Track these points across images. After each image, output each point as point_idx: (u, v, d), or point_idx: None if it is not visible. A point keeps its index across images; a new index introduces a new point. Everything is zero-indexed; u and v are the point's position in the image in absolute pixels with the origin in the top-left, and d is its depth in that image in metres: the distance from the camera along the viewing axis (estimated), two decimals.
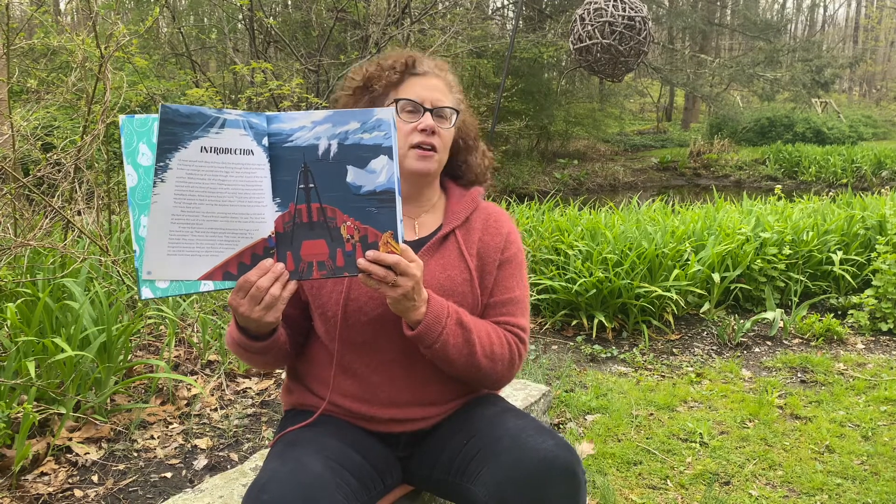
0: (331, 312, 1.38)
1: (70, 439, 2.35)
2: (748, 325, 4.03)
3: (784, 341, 4.02)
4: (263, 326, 1.24)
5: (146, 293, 1.10)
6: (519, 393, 2.39)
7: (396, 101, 1.41)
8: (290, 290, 1.18)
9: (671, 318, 4.12)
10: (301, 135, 1.15)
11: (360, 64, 1.55)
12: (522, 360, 1.45)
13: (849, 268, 4.76)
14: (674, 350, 3.86)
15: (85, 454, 2.30)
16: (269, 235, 1.16)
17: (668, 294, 3.94)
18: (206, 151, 1.11)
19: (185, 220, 1.11)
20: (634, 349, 3.82)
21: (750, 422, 2.95)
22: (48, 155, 3.47)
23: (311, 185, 1.15)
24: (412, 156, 1.40)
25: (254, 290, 1.15)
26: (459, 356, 1.34)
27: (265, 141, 1.14)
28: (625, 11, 5.11)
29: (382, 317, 1.37)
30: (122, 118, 1.09)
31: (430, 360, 1.36)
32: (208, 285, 1.14)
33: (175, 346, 3.15)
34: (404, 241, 1.19)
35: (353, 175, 1.16)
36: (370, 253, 1.16)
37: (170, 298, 3.37)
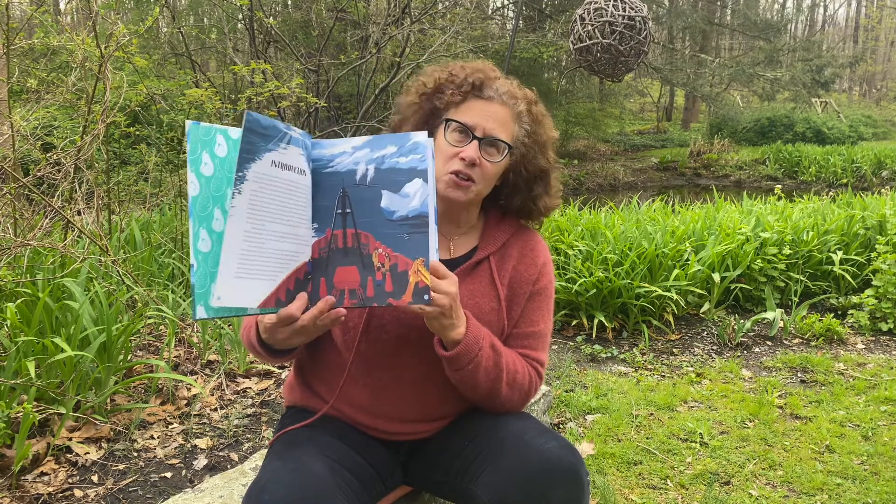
0: (352, 323, 1.36)
1: (70, 439, 2.35)
2: (748, 325, 4.03)
3: (784, 341, 4.02)
4: (290, 345, 1.23)
5: (200, 313, 1.02)
6: None
7: (446, 120, 1.36)
8: (331, 318, 1.15)
9: (671, 318, 4.12)
10: (341, 160, 1.16)
11: (433, 70, 1.46)
12: (536, 393, 1.43)
13: (849, 268, 4.76)
14: (674, 350, 3.86)
15: (85, 454, 2.30)
16: (308, 261, 1.14)
17: (668, 294, 3.94)
18: (276, 166, 1.07)
19: (255, 238, 1.05)
20: (634, 349, 3.82)
21: (750, 422, 2.95)
22: (48, 155, 3.47)
23: (349, 211, 1.15)
24: (448, 181, 1.33)
25: (297, 326, 1.13)
26: (486, 381, 1.31)
27: (310, 164, 1.14)
28: (625, 11, 5.10)
29: (404, 337, 1.34)
30: (188, 123, 1.04)
31: (455, 382, 1.33)
32: (255, 309, 1.09)
33: (175, 346, 3.15)
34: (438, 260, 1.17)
35: (387, 200, 1.15)
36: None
37: (170, 298, 3.37)
